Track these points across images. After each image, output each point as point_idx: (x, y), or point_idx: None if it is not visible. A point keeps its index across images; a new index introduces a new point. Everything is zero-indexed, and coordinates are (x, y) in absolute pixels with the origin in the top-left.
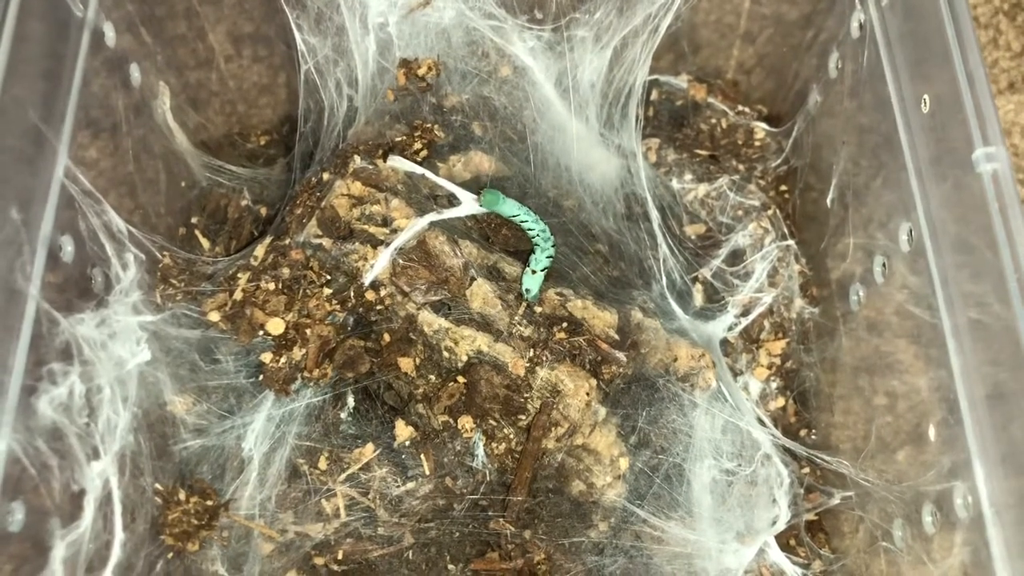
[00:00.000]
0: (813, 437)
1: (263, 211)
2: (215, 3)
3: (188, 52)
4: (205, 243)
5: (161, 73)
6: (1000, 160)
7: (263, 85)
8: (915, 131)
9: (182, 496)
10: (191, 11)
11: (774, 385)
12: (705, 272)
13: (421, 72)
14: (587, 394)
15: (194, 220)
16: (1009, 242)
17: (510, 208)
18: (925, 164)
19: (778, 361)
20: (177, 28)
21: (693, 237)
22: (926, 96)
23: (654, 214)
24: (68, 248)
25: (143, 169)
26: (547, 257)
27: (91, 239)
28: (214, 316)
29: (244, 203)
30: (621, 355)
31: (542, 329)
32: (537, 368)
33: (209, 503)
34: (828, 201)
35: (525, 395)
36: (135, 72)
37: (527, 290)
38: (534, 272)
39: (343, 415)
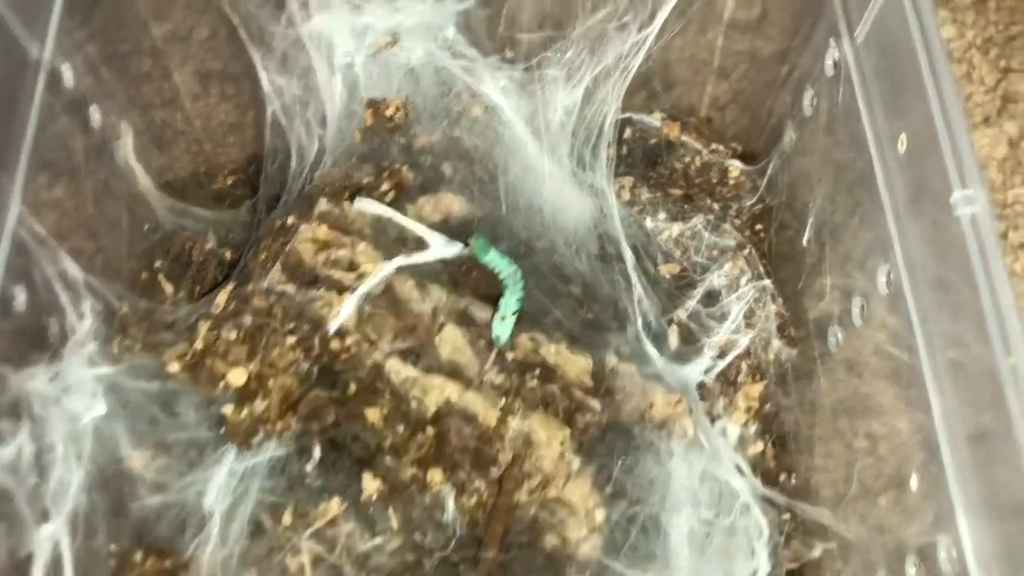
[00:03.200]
0: (793, 482)
1: (228, 255)
2: (183, 40)
3: (153, 90)
4: (168, 288)
5: (123, 113)
6: (979, 203)
7: (231, 123)
8: (892, 171)
9: (139, 557)
10: (156, 49)
11: (752, 429)
12: (681, 313)
13: (389, 113)
14: (560, 444)
15: (157, 264)
16: (989, 287)
17: (493, 256)
18: (903, 205)
19: (756, 404)
20: (141, 66)
21: (668, 277)
22: (903, 136)
23: (628, 254)
24: (21, 298)
25: (103, 213)
26: (517, 300)
27: (45, 288)
28: (174, 367)
29: (209, 246)
30: (595, 403)
31: (514, 376)
32: (509, 418)
33: (167, 563)
34: (804, 240)
35: (496, 446)
36: (95, 113)
37: (497, 336)
38: (504, 318)
39: (308, 467)
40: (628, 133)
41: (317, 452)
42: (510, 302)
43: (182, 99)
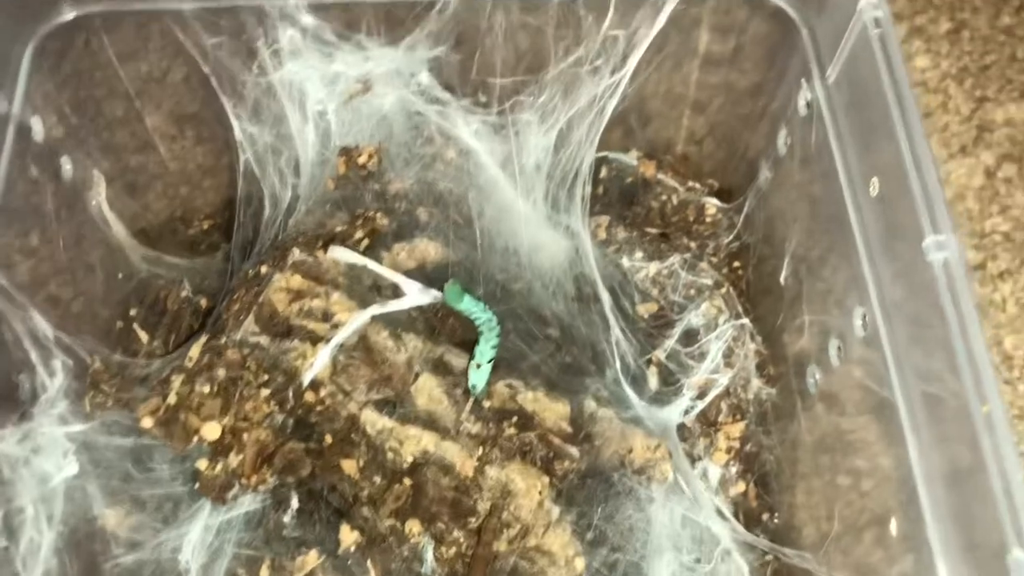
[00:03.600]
0: (776, 521)
1: (203, 302)
2: (158, 82)
3: (126, 135)
4: (143, 337)
5: (96, 161)
6: (950, 248)
7: (207, 167)
8: (865, 213)
9: None
10: (128, 93)
11: (734, 470)
12: (659, 354)
13: (362, 160)
14: (539, 493)
15: (133, 312)
16: (962, 334)
17: (468, 303)
18: (876, 247)
19: (737, 444)
20: (114, 111)
21: (646, 316)
22: (875, 179)
23: (604, 295)
24: None
25: (77, 263)
26: (492, 348)
27: (15, 346)
28: (147, 422)
29: (184, 294)
30: (574, 450)
31: (491, 425)
32: (487, 467)
33: None
34: (782, 278)
35: (475, 496)
36: (66, 164)
37: (474, 385)
38: (479, 366)
39: (286, 518)
40: (604, 172)
41: (295, 503)
42: (485, 349)
43: (156, 143)
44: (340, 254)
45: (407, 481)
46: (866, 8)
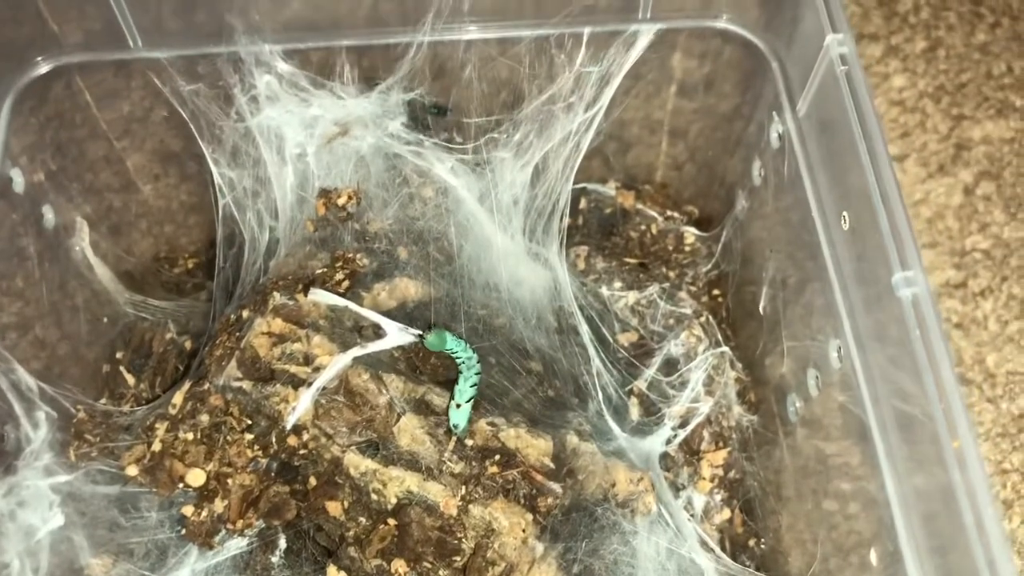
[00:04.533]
0: (762, 547)
1: (188, 344)
2: (140, 121)
3: (109, 176)
4: (130, 379)
5: (78, 206)
6: (918, 284)
7: (191, 204)
8: (837, 247)
9: None
10: (109, 135)
11: (718, 497)
12: (640, 384)
13: (341, 202)
14: (523, 531)
15: (119, 355)
16: (931, 368)
17: (451, 342)
18: (850, 280)
19: (721, 472)
20: (96, 153)
21: (626, 345)
22: (845, 213)
23: (584, 328)
24: None
25: (60, 312)
26: (471, 387)
27: None
28: (132, 470)
29: (169, 336)
30: (556, 487)
31: (474, 464)
32: (470, 506)
33: None
34: (761, 308)
35: (459, 535)
36: (48, 213)
37: (455, 425)
38: (459, 405)
39: (273, 559)
40: (583, 203)
41: (282, 543)
42: (464, 388)
43: (139, 183)
44: (320, 296)
45: (392, 521)
46: (832, 44)
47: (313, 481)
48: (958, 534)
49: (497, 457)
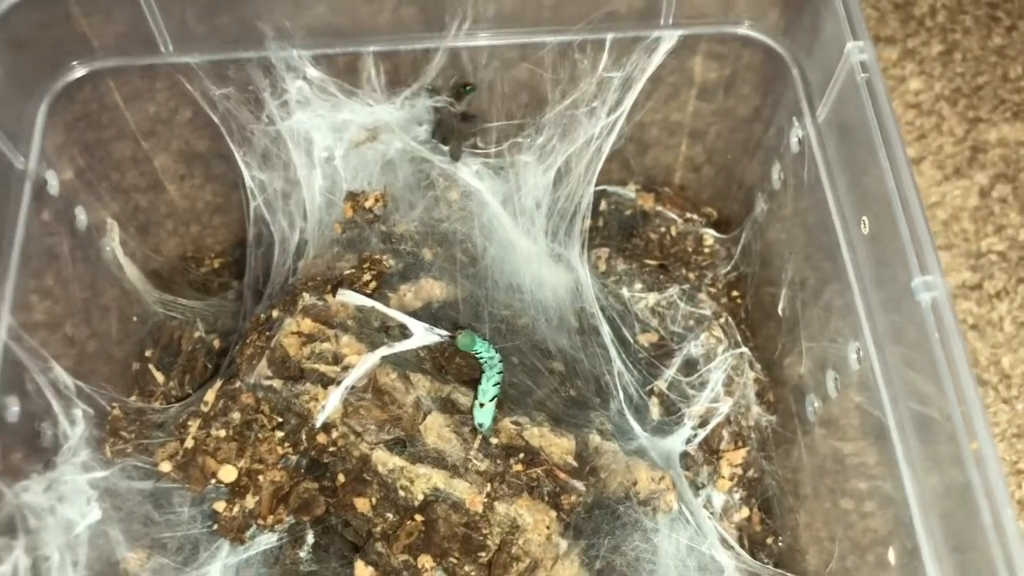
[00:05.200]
0: (780, 544)
1: (216, 343)
2: (165, 123)
3: (136, 176)
4: (159, 377)
5: (106, 205)
6: (937, 288)
7: (217, 204)
8: (857, 250)
9: None
10: (137, 135)
11: (737, 496)
12: (660, 384)
13: (368, 204)
14: (547, 527)
15: (148, 353)
16: (950, 370)
17: (476, 343)
18: (869, 284)
19: (740, 471)
20: (125, 152)
21: (646, 345)
22: (865, 217)
23: (605, 328)
24: (14, 408)
25: (92, 311)
26: (494, 385)
27: (37, 397)
28: (165, 466)
29: (197, 335)
30: (580, 485)
31: (498, 462)
32: (495, 503)
33: None
34: (780, 309)
35: (484, 531)
36: (81, 215)
37: (480, 424)
38: (482, 404)
39: (302, 554)
40: (604, 205)
41: (311, 536)
42: (487, 388)
43: (165, 183)
44: (348, 297)
45: (419, 518)
46: (853, 51)
47: (342, 478)
48: (976, 533)
49: (521, 455)
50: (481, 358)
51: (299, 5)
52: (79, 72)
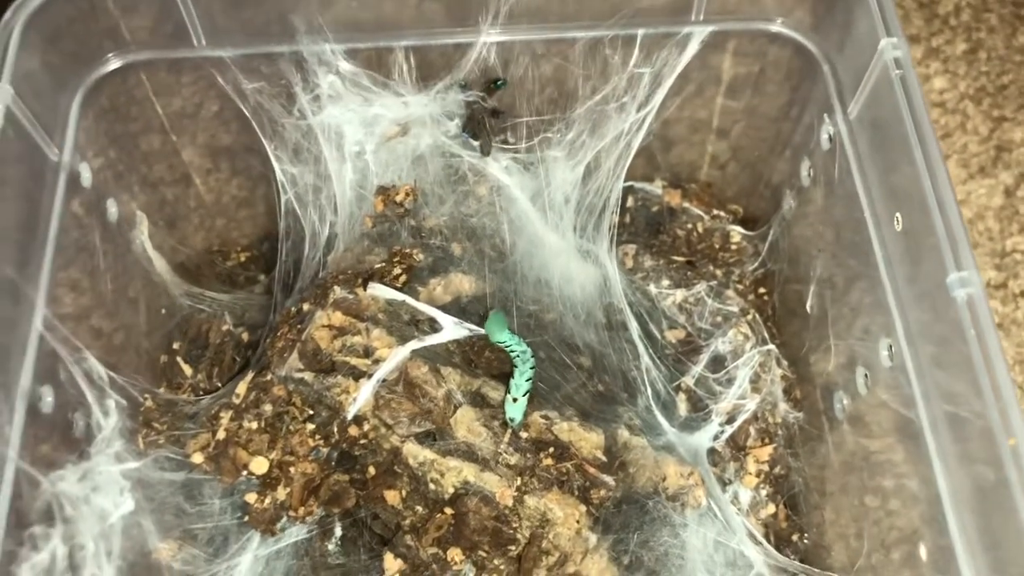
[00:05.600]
0: (806, 541)
1: (244, 336)
2: (192, 116)
3: (164, 169)
4: (187, 370)
5: (135, 197)
6: (973, 284)
7: (242, 198)
8: (889, 247)
9: None
10: (166, 127)
11: (764, 492)
12: (688, 380)
13: (399, 199)
14: (577, 521)
15: (176, 346)
16: (987, 369)
17: (506, 335)
18: (902, 281)
19: (766, 468)
20: (154, 144)
21: (674, 342)
22: (898, 214)
23: (633, 324)
24: (48, 399)
25: (120, 304)
26: (527, 381)
27: (71, 386)
28: (197, 457)
29: (225, 328)
30: (609, 479)
31: (528, 456)
32: (525, 497)
33: None
34: (807, 307)
35: (514, 525)
36: (112, 207)
37: (511, 419)
38: (515, 399)
39: (330, 546)
40: (630, 201)
41: (339, 529)
42: (520, 383)
43: (193, 176)
44: (379, 291)
45: (448, 511)
46: (887, 48)
47: (372, 470)
48: (1011, 529)
49: (551, 450)
50: (513, 352)
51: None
52: (113, 64)
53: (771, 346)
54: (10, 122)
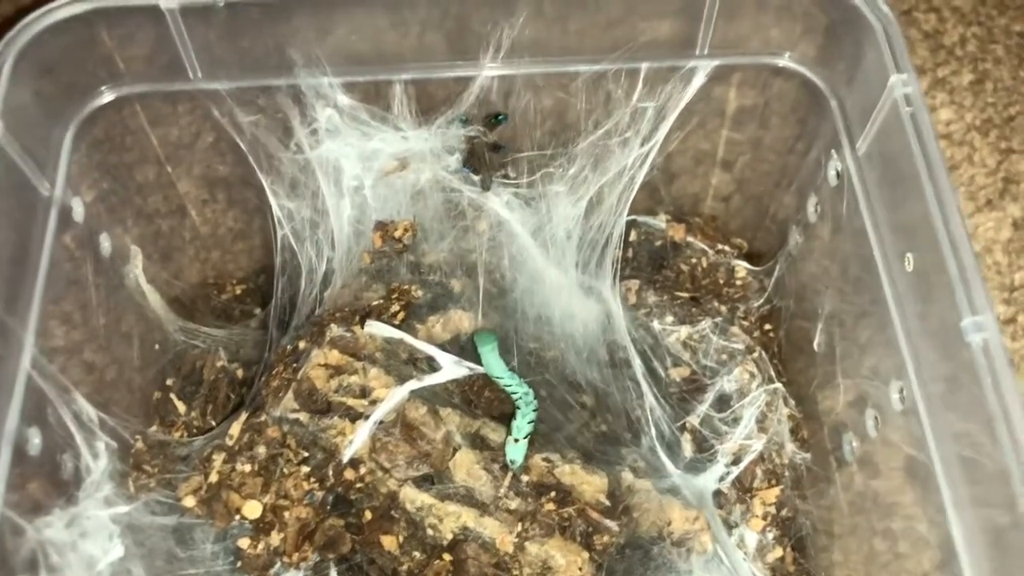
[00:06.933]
0: None
1: (239, 372)
2: (188, 146)
3: (159, 200)
4: (181, 407)
5: (128, 230)
6: (989, 329)
7: (239, 230)
8: (900, 287)
9: None
10: (161, 158)
11: (771, 535)
12: (693, 420)
13: (397, 234)
14: (579, 568)
15: (169, 382)
16: (1004, 415)
17: (497, 364)
18: (913, 322)
19: (773, 510)
20: (147, 175)
21: (678, 380)
22: (909, 255)
23: (637, 363)
24: (35, 440)
25: (113, 339)
26: (529, 423)
27: (60, 428)
28: (189, 501)
29: (220, 364)
30: (613, 524)
31: (530, 500)
32: (526, 543)
33: None
34: (815, 344)
35: (515, 572)
36: (105, 242)
37: (512, 460)
38: (516, 440)
39: None
40: (633, 236)
41: (335, 573)
42: (522, 424)
43: (188, 208)
44: (376, 329)
45: (447, 557)
46: (897, 84)
47: (369, 515)
48: None
49: (553, 494)
50: (514, 393)
51: (323, 31)
52: (108, 97)
53: (778, 384)
54: None
